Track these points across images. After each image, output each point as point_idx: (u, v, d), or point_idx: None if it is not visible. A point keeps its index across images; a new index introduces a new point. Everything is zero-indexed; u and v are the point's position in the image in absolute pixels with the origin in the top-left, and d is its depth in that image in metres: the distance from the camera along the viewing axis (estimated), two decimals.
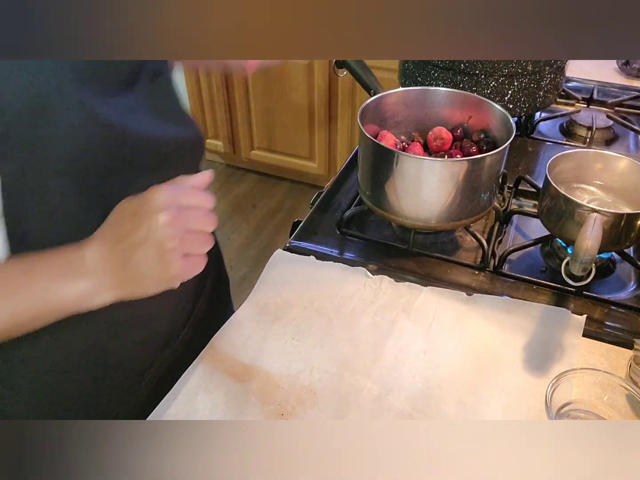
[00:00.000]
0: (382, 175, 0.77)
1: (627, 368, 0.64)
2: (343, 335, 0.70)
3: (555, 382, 0.59)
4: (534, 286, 0.76)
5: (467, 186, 0.74)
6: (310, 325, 0.71)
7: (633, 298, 0.75)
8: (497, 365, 0.66)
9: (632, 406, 0.58)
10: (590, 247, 0.64)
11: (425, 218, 0.77)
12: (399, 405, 0.62)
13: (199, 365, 0.66)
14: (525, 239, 0.85)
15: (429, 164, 0.73)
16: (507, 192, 0.94)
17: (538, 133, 1.15)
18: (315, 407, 0.62)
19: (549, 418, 0.56)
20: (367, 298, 0.75)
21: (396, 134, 0.87)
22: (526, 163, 1.04)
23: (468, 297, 0.74)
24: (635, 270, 0.80)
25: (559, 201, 0.74)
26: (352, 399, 0.62)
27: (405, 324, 0.71)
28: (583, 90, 1.29)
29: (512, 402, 0.62)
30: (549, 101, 1.07)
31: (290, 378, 0.65)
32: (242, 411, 0.61)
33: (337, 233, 0.86)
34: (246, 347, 0.68)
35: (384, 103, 0.85)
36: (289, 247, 0.84)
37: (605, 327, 0.70)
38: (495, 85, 1.00)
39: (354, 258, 0.82)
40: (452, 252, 0.84)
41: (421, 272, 0.79)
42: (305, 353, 0.68)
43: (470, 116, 0.86)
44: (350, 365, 0.66)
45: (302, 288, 0.76)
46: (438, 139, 0.84)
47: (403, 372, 0.65)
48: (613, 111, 1.19)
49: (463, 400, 0.62)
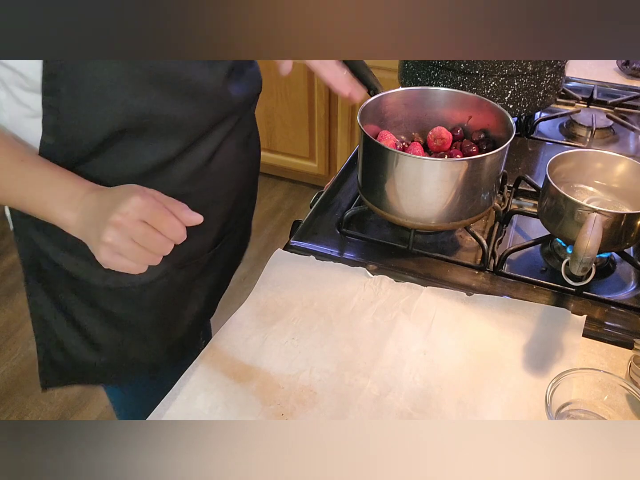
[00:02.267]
0: (382, 175, 0.77)
1: (627, 368, 0.64)
2: (343, 335, 0.70)
3: (555, 382, 0.59)
4: (534, 286, 0.76)
5: (467, 186, 0.74)
6: (310, 325, 0.71)
7: (633, 298, 0.75)
8: (497, 365, 0.66)
9: (632, 406, 0.58)
10: (590, 247, 0.64)
11: (425, 218, 0.77)
12: (399, 405, 0.62)
13: (199, 365, 0.66)
14: (525, 239, 0.85)
15: (429, 164, 0.73)
16: (507, 192, 0.94)
17: (538, 133, 1.15)
18: (315, 407, 0.62)
19: (549, 418, 0.56)
20: (367, 298, 0.75)
21: (396, 134, 0.87)
22: (526, 163, 1.04)
23: (468, 297, 0.74)
24: (635, 270, 0.80)
25: (559, 201, 0.74)
26: (352, 399, 0.62)
27: (405, 324, 0.71)
28: (583, 90, 1.29)
29: (512, 402, 0.62)
30: (549, 101, 1.07)
31: (290, 378, 0.65)
32: (242, 411, 0.61)
33: (337, 233, 0.86)
34: (246, 347, 0.68)
35: (384, 103, 0.85)
36: (289, 247, 0.84)
37: (605, 327, 0.70)
38: (495, 85, 1.00)
39: (354, 258, 0.82)
40: (452, 252, 0.84)
41: (421, 272, 0.79)
42: (305, 353, 0.68)
43: (470, 116, 0.86)
44: (350, 365, 0.66)
45: (302, 288, 0.76)
46: (438, 139, 0.84)
47: (403, 372, 0.65)
48: (613, 111, 1.19)
49: (463, 400, 0.62)
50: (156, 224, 0.53)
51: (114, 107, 0.59)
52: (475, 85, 1.01)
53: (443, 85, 1.02)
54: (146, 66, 0.58)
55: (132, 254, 0.54)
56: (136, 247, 0.53)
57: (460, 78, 1.01)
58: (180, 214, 0.55)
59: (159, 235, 0.53)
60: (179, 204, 0.55)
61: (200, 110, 0.66)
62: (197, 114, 0.66)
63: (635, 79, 1.36)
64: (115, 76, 0.57)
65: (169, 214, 0.54)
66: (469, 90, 1.01)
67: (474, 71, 0.99)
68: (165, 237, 0.54)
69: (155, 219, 0.53)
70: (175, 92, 0.62)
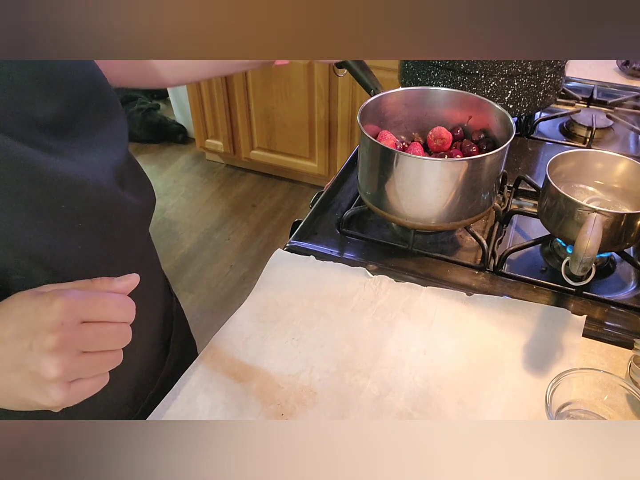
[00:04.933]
0: (382, 175, 0.77)
1: (627, 368, 0.64)
2: (343, 335, 0.70)
3: (555, 382, 0.59)
4: (534, 286, 0.76)
5: (467, 186, 0.74)
6: (310, 325, 0.71)
7: (633, 298, 0.75)
8: (497, 365, 0.66)
9: (632, 406, 0.58)
10: (590, 247, 0.64)
11: (425, 218, 0.77)
12: (399, 405, 0.62)
13: (199, 365, 0.66)
14: (525, 239, 0.85)
15: (429, 164, 0.73)
16: (507, 192, 0.94)
17: (538, 133, 1.15)
18: (315, 407, 0.62)
19: (549, 418, 0.56)
20: (367, 298, 0.75)
21: (396, 134, 0.87)
22: (526, 163, 1.04)
23: (468, 297, 0.74)
24: (635, 270, 0.80)
25: (559, 201, 0.74)
26: (352, 399, 0.62)
27: (405, 324, 0.71)
28: (583, 90, 1.29)
29: (512, 402, 0.62)
30: (549, 101, 1.07)
31: (290, 378, 0.65)
32: (242, 411, 0.61)
33: (337, 233, 0.86)
34: (246, 347, 0.68)
35: (384, 103, 0.85)
36: (289, 247, 0.84)
37: (605, 327, 0.70)
38: (495, 85, 1.00)
39: (354, 258, 0.82)
40: (452, 252, 0.84)
41: (421, 272, 0.79)
42: (305, 353, 0.68)
43: (470, 116, 0.86)
44: (350, 365, 0.66)
45: (302, 288, 0.76)
46: (438, 139, 0.84)
47: (403, 372, 0.65)
48: (613, 111, 1.19)
49: (463, 400, 0.62)
50: (99, 315, 0.41)
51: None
52: (475, 85, 1.01)
53: (443, 85, 1.02)
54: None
55: (92, 367, 0.41)
56: (93, 357, 0.41)
57: (460, 78, 1.01)
58: (113, 287, 0.44)
59: (110, 325, 0.42)
60: (102, 280, 0.44)
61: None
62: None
63: (635, 79, 1.36)
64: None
65: (104, 294, 0.42)
66: (469, 90, 1.01)
67: (474, 71, 0.99)
68: (117, 323, 0.42)
69: (96, 310, 0.41)
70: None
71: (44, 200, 0.45)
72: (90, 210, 0.49)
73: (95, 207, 0.49)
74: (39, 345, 0.38)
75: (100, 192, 0.49)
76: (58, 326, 0.38)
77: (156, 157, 3.02)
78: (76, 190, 0.47)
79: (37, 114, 0.45)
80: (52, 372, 0.38)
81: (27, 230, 0.44)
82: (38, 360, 0.38)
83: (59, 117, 0.47)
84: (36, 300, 0.40)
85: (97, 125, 0.51)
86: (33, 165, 0.43)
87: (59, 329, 0.38)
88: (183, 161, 2.98)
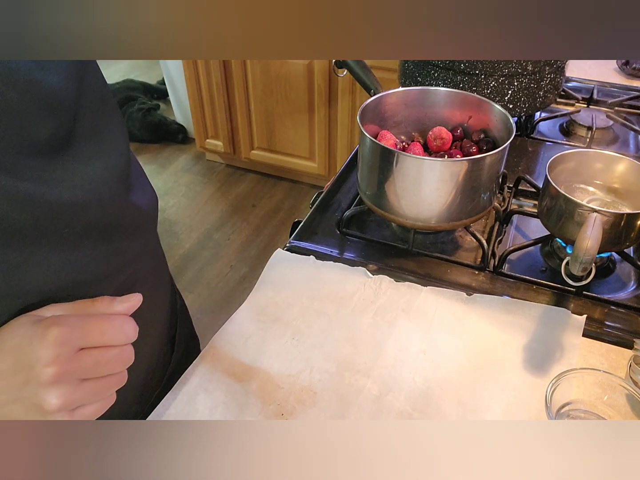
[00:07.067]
0: (382, 175, 0.77)
1: (627, 368, 0.64)
2: (343, 335, 0.70)
3: (555, 382, 0.59)
4: (534, 286, 0.76)
5: (467, 186, 0.74)
6: (310, 325, 0.71)
7: (633, 298, 0.75)
8: (497, 365, 0.66)
9: (632, 406, 0.58)
10: (590, 247, 0.64)
11: (425, 218, 0.77)
12: (399, 405, 0.62)
13: (199, 365, 0.66)
14: (525, 239, 0.85)
15: (429, 164, 0.73)
16: (507, 192, 0.94)
17: (538, 133, 1.15)
18: (315, 407, 0.62)
19: (549, 418, 0.56)
20: (367, 298, 0.75)
21: (396, 134, 0.87)
22: (526, 163, 1.04)
23: (468, 297, 0.74)
24: (635, 270, 0.80)
25: (559, 201, 0.74)
26: (352, 399, 0.62)
27: (405, 324, 0.71)
28: (583, 90, 1.29)
29: (512, 402, 0.62)
30: (549, 101, 1.07)
31: (290, 378, 0.65)
32: (242, 411, 0.61)
33: (337, 233, 0.86)
34: (246, 347, 0.68)
35: (384, 103, 0.85)
36: (289, 247, 0.84)
37: (605, 327, 0.70)
38: (495, 85, 1.00)
39: (354, 258, 0.82)
40: (452, 252, 0.84)
41: (421, 272, 0.79)
42: (305, 353, 0.68)
43: (470, 116, 0.86)
44: (350, 365, 0.66)
45: (302, 288, 0.76)
46: (438, 139, 0.84)
47: (403, 372, 0.65)
48: (613, 111, 1.19)
49: (463, 400, 0.62)
50: (97, 341, 0.40)
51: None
52: (475, 85, 1.01)
53: (443, 85, 1.02)
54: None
55: (95, 394, 0.41)
56: (95, 383, 0.40)
57: (460, 78, 1.01)
58: (113, 309, 0.42)
59: (110, 350, 0.40)
60: (102, 300, 0.42)
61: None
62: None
63: (635, 79, 1.36)
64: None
65: (103, 318, 0.41)
66: (469, 90, 1.01)
67: (474, 71, 0.99)
68: (118, 346, 0.41)
69: (94, 337, 0.39)
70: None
71: (45, 229, 0.42)
72: (94, 227, 0.47)
73: (99, 223, 0.48)
74: (36, 380, 0.37)
75: (103, 208, 0.47)
76: (53, 359, 0.37)
77: (156, 157, 3.02)
78: (78, 213, 0.45)
79: (32, 135, 0.41)
80: (53, 404, 0.38)
81: (34, 265, 0.42)
82: (37, 394, 0.37)
83: (56, 135, 0.44)
84: (32, 331, 0.38)
85: (97, 131, 0.49)
86: (31, 199, 0.40)
87: (54, 362, 0.37)
88: (183, 161, 2.98)
